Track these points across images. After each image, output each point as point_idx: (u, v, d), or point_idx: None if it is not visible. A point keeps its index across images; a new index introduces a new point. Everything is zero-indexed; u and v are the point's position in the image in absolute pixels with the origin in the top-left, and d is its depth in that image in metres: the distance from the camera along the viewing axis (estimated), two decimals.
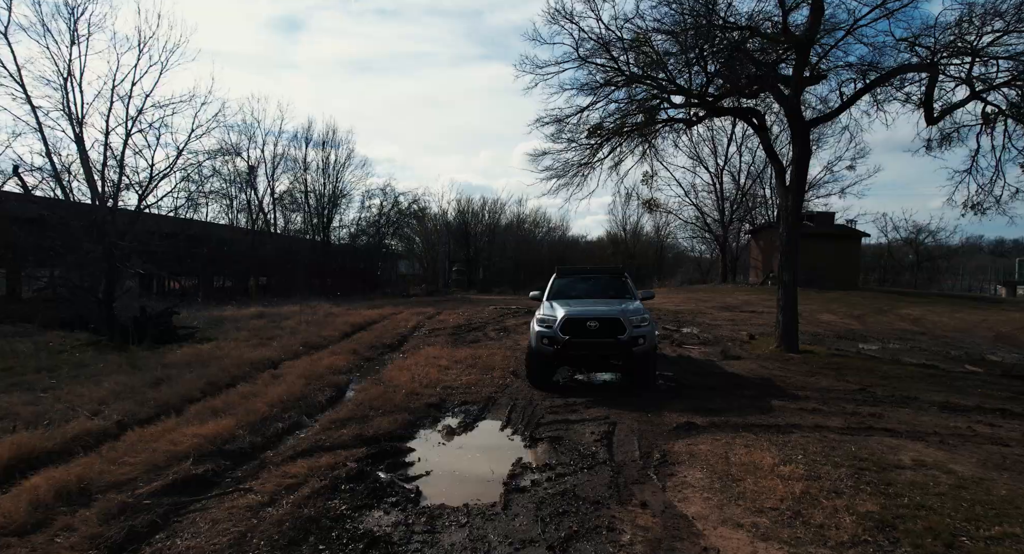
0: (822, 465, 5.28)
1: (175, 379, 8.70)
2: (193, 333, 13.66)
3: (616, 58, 12.58)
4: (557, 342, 8.28)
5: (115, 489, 4.56)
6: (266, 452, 5.81)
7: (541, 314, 8.83)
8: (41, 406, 6.92)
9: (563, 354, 8.38)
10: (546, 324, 8.49)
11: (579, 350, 8.36)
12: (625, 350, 8.25)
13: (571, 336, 8.25)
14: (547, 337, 8.37)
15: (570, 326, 8.30)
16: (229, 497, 4.63)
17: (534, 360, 8.69)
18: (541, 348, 8.47)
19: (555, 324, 8.34)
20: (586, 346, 8.33)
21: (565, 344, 8.24)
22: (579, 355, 8.54)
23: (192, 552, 3.78)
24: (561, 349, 8.29)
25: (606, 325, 8.32)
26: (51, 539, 3.81)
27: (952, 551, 3.68)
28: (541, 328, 8.52)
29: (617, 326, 8.26)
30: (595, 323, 8.36)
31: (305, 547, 3.87)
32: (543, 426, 6.78)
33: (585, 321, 8.35)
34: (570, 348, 8.27)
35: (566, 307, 8.66)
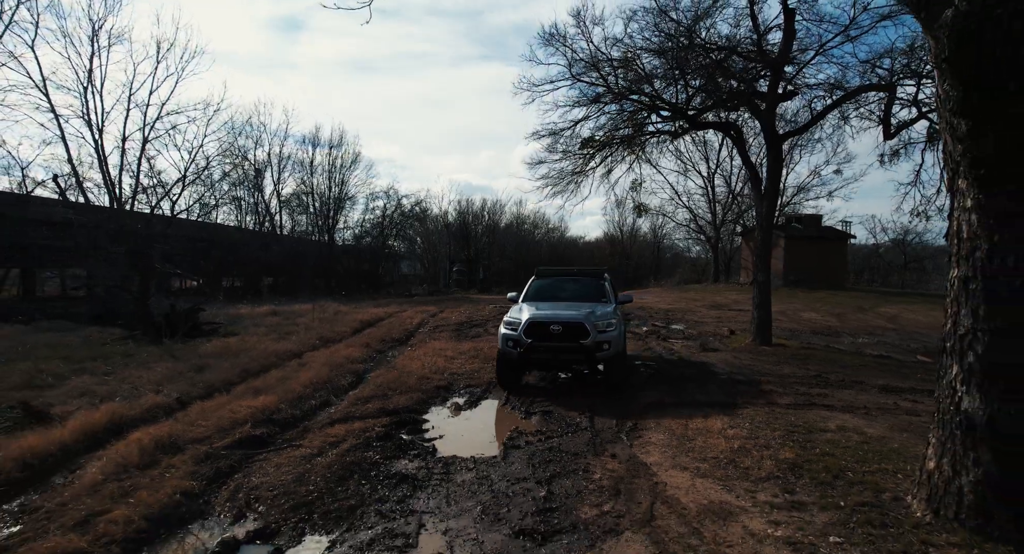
0: (762, 429, 6.49)
1: (214, 366, 9.91)
2: (217, 328, 14.86)
3: (605, 77, 13.80)
4: (521, 345, 8.17)
5: (197, 443, 5.78)
6: (306, 421, 7.04)
7: (509, 316, 8.72)
8: (109, 386, 8.13)
9: (526, 358, 8.26)
10: (511, 327, 8.40)
11: (541, 354, 8.23)
12: (588, 355, 8.12)
13: (534, 340, 8.13)
14: (512, 340, 8.27)
15: (533, 329, 8.18)
16: (285, 451, 5.84)
17: (500, 362, 8.62)
18: (506, 351, 8.37)
19: (519, 327, 8.24)
20: (548, 350, 8.20)
21: (528, 347, 8.13)
22: (542, 359, 8.39)
23: (266, 485, 4.99)
24: (524, 352, 8.18)
25: (569, 329, 8.16)
26: (162, 474, 5.02)
27: (838, 480, 4.89)
28: (507, 331, 8.42)
29: (580, 331, 8.11)
30: (558, 327, 8.19)
31: (351, 482, 5.08)
32: (536, 403, 7.98)
33: (548, 325, 8.21)
34: (532, 351, 8.15)
35: (533, 310, 8.59)
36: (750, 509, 4.47)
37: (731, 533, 4.08)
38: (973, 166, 3.73)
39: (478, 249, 51.33)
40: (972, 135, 3.62)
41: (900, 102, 12.32)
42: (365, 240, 42.10)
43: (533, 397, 8.30)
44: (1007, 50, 3.34)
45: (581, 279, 10.63)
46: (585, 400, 8.04)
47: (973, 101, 3.58)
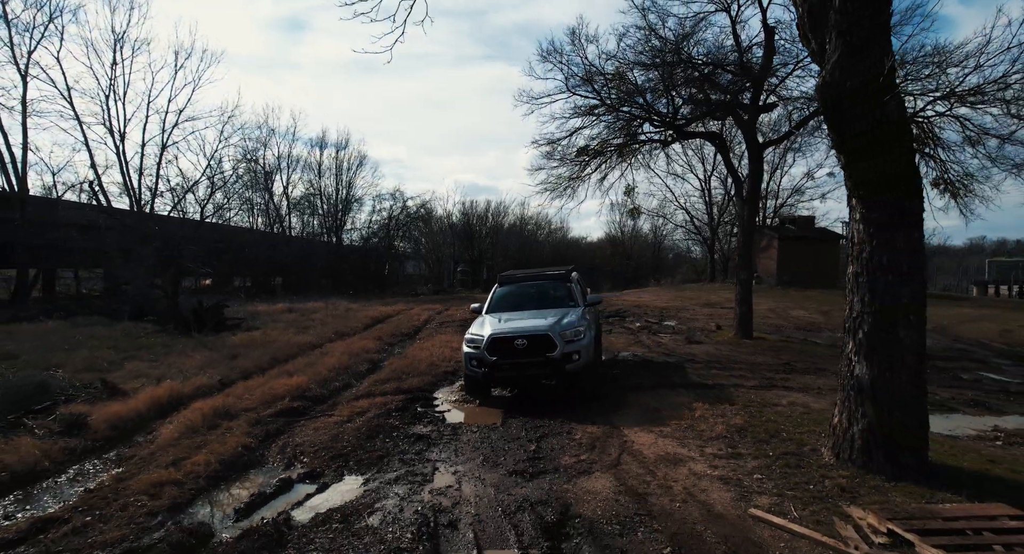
0: (722, 403, 7.62)
1: (245, 355, 11.10)
2: (240, 323, 16.07)
3: (598, 91, 14.93)
4: (484, 364, 7.57)
5: (246, 412, 6.96)
6: (334, 397, 8.22)
7: (470, 333, 8.10)
8: (159, 370, 9.33)
9: (492, 376, 7.67)
10: (474, 345, 7.79)
11: (508, 371, 7.62)
12: (557, 369, 7.50)
13: (498, 357, 7.52)
14: (475, 359, 7.68)
15: (496, 346, 7.57)
16: (320, 418, 7.02)
17: (468, 385, 8.15)
18: (471, 370, 7.79)
19: (482, 344, 7.63)
20: (514, 367, 7.57)
21: (492, 365, 7.53)
22: (508, 376, 7.79)
23: (308, 443, 6.15)
24: (489, 371, 7.58)
25: (535, 342, 7.54)
26: (223, 433, 6.19)
27: (773, 438, 6.02)
28: (469, 349, 7.82)
29: (547, 343, 7.50)
30: (523, 341, 7.56)
31: (376, 440, 6.24)
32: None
33: (513, 339, 7.59)
34: (499, 369, 7.55)
35: (495, 323, 8.06)
36: (697, 458, 5.61)
37: (678, 473, 5.23)
38: (855, 188, 4.86)
39: (482, 249, 52.48)
40: (846, 166, 4.76)
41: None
42: (372, 241, 43.36)
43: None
44: (852, 108, 4.48)
45: (546, 283, 9.87)
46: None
47: (839, 141, 4.72)
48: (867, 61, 4.24)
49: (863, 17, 4.29)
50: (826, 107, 4.61)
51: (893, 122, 4.64)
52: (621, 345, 13.46)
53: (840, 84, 4.36)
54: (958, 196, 12.67)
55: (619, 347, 13.14)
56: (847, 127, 4.56)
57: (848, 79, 4.32)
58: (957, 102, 12.02)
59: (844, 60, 4.30)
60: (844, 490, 4.65)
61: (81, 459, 5.67)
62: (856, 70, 4.26)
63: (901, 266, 4.87)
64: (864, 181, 4.72)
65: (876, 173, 4.59)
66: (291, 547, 3.90)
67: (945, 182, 12.63)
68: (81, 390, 7.61)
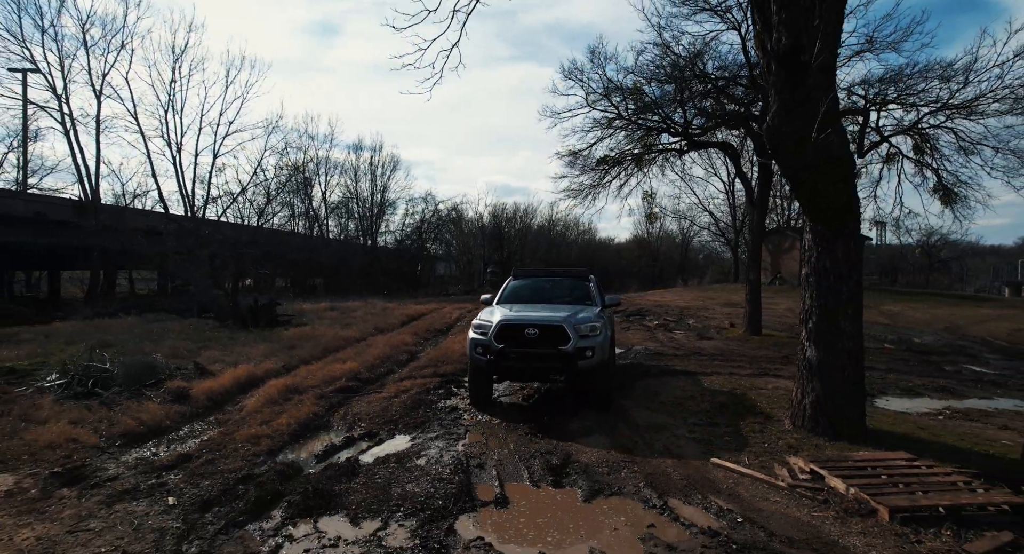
0: (713, 388, 8.80)
1: (300, 346, 12.67)
2: (290, 320, 17.76)
3: (616, 105, 16.14)
4: (491, 351, 7.24)
5: (312, 389, 8.45)
6: (381, 380, 9.68)
7: (479, 319, 7.80)
8: (231, 357, 10.93)
9: (497, 365, 7.34)
10: (481, 330, 7.51)
11: (515, 361, 7.23)
12: (569, 363, 7.09)
13: (505, 345, 7.19)
14: (481, 345, 7.36)
15: (505, 333, 7.25)
16: (370, 395, 8.46)
17: (473, 374, 7.78)
18: (474, 358, 7.50)
19: (490, 331, 7.34)
20: (522, 357, 7.19)
21: (498, 353, 7.20)
22: (515, 367, 7.39)
23: (364, 412, 7.58)
24: (494, 359, 7.26)
25: (547, 333, 7.17)
26: (296, 404, 7.67)
27: (748, 413, 7.21)
28: (476, 335, 7.55)
29: (560, 335, 7.12)
30: (534, 330, 7.22)
31: (419, 410, 7.64)
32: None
33: (523, 328, 7.25)
34: (504, 358, 7.20)
35: (506, 311, 7.78)
36: (680, 426, 6.86)
37: (661, 435, 6.49)
38: (802, 208, 6.04)
39: (511, 251, 53.88)
40: (792, 190, 5.92)
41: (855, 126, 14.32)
42: (405, 243, 45.21)
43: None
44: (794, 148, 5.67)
45: (563, 280, 9.71)
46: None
47: (785, 173, 5.91)
48: (801, 114, 5.43)
49: (789, 84, 5.50)
50: (771, 147, 5.81)
51: (835, 158, 5.81)
52: (636, 341, 14.65)
53: (779, 130, 5.56)
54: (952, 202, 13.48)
55: (634, 342, 14.34)
56: (788, 164, 5.77)
57: (784, 126, 5.51)
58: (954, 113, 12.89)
59: (780, 112, 5.50)
60: (791, 447, 5.85)
61: (190, 420, 7.21)
62: (791, 121, 5.46)
63: (841, 269, 6.05)
64: (808, 205, 5.91)
65: (818, 200, 5.78)
66: (361, 476, 5.30)
67: (943, 188, 13.45)
68: (177, 371, 9.22)
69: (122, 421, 6.73)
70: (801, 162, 5.65)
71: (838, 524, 4.24)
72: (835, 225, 6.00)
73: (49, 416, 6.75)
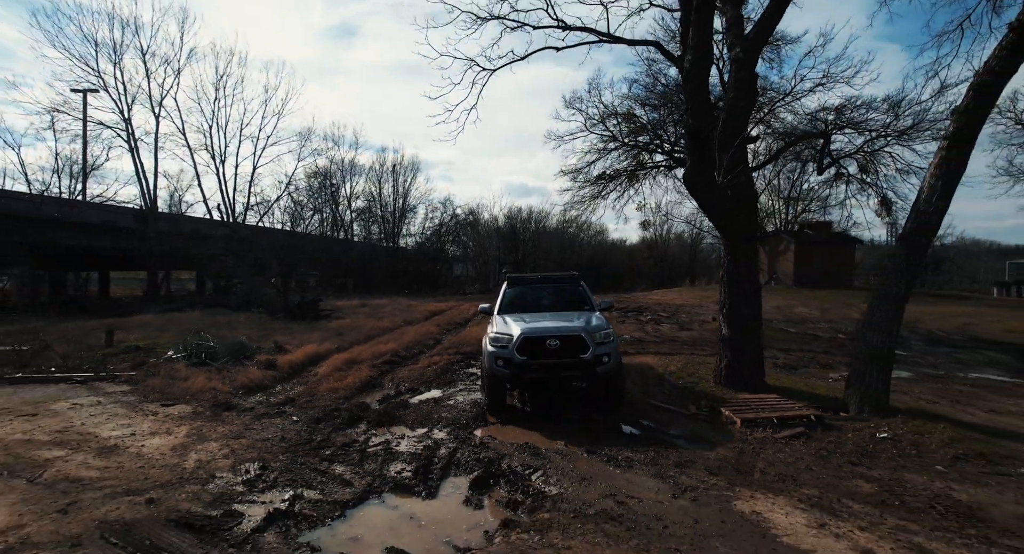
0: (674, 361, 11.34)
1: (346, 333, 15.45)
2: (330, 314, 20.60)
3: (611, 129, 18.71)
4: (512, 365, 7.45)
5: (364, 361, 11.18)
6: (415, 356, 12.39)
7: (494, 332, 7.93)
8: (296, 340, 13.70)
9: (519, 377, 7.55)
10: (500, 344, 7.66)
11: (538, 373, 7.51)
12: (588, 370, 7.44)
13: (529, 357, 7.43)
14: (502, 359, 7.55)
15: (527, 346, 7.47)
16: (409, 366, 11.17)
17: (489, 384, 7.78)
18: (495, 371, 7.61)
19: (511, 344, 7.53)
20: (546, 368, 7.47)
21: (522, 366, 7.43)
22: (538, 378, 7.66)
23: (405, 376, 10.28)
24: (517, 372, 7.47)
25: (567, 343, 7.47)
26: (356, 370, 10.39)
27: (689, 376, 9.76)
28: (495, 348, 7.68)
29: (579, 344, 7.44)
30: (555, 342, 7.46)
31: (446, 375, 10.34)
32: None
33: (544, 340, 7.48)
34: (528, 370, 7.46)
35: (521, 323, 7.88)
36: (636, 384, 9.44)
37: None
38: (717, 228, 8.60)
39: (525, 252, 56.50)
40: (708, 218, 8.48)
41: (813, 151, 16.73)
42: (425, 246, 48.11)
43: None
44: (705, 189, 8.24)
45: (557, 285, 9.98)
46: None
47: (701, 206, 8.49)
48: (704, 170, 7.99)
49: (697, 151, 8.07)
50: (688, 190, 8.38)
51: (742, 194, 8.36)
52: (625, 331, 17.20)
53: (691, 179, 8.14)
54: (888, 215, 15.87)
55: (623, 333, 16.88)
56: (700, 202, 8.35)
57: (694, 177, 8.08)
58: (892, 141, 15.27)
59: (691, 168, 8.07)
60: (708, 396, 8.41)
61: (281, 381, 9.97)
62: (698, 174, 8.03)
63: (743, 273, 8.61)
64: (720, 229, 8.47)
65: (726, 225, 8.34)
66: (411, 409, 7.99)
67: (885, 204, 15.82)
68: (259, 349, 12.01)
69: (237, 379, 9.52)
70: (708, 201, 8.23)
71: (710, 429, 6.85)
72: (739, 242, 8.55)
73: (188, 375, 9.57)
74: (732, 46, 9.29)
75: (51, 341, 11.86)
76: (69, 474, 5.28)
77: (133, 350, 12.02)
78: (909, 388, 9.14)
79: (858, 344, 7.64)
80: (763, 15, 9.19)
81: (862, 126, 16.36)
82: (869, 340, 7.37)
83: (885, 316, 7.29)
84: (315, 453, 6.09)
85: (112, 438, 6.45)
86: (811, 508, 4.60)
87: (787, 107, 18.22)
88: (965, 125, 6.73)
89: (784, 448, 6.11)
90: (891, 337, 7.29)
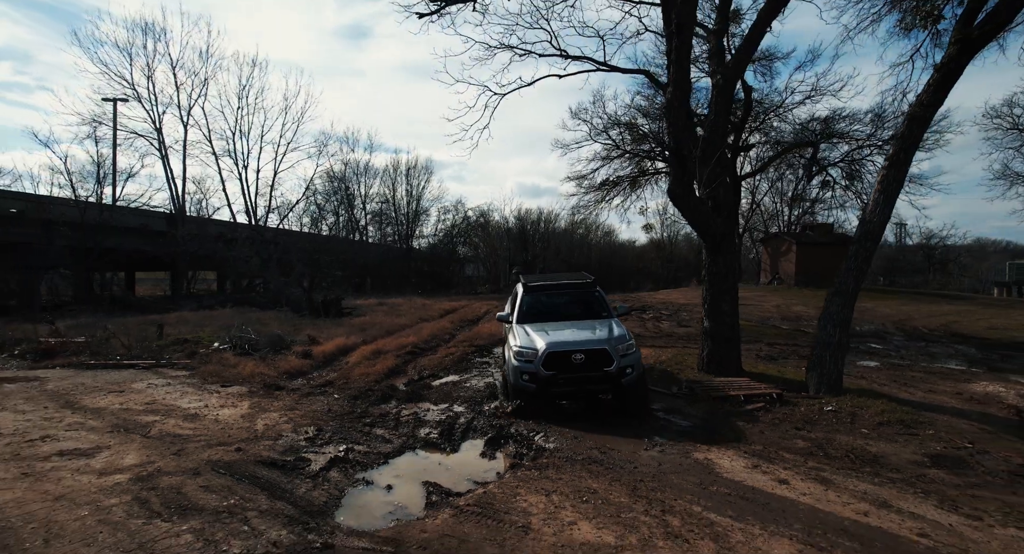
0: (665, 351, 12.60)
1: (369, 329, 16.85)
2: (352, 311, 22.02)
3: (613, 138, 20.02)
4: (539, 379, 7.55)
5: (389, 352, 12.56)
6: (434, 348, 13.76)
7: (518, 345, 7.94)
8: (324, 334, 15.13)
9: (546, 391, 7.63)
10: (525, 358, 7.71)
11: (564, 387, 7.63)
12: (614, 383, 7.55)
13: (555, 371, 7.53)
14: (527, 373, 7.63)
15: (553, 360, 7.56)
16: (428, 356, 12.54)
17: (518, 397, 7.78)
18: (522, 385, 7.68)
19: (536, 359, 7.59)
20: (572, 382, 7.58)
21: (548, 381, 7.53)
22: (564, 392, 7.80)
23: (425, 364, 11.64)
24: (544, 386, 7.57)
25: (592, 357, 7.56)
26: (383, 359, 11.77)
27: (677, 365, 11.03)
28: (519, 363, 7.75)
29: (604, 357, 7.54)
30: (581, 356, 7.56)
31: (462, 363, 11.69)
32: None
33: (570, 354, 7.58)
34: (554, 385, 7.57)
35: (544, 336, 7.93)
36: None
37: None
38: (697, 234, 9.86)
39: (535, 253, 57.79)
40: (689, 224, 9.75)
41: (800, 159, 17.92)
42: (438, 247, 49.59)
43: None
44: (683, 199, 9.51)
45: (574, 292, 9.81)
46: None
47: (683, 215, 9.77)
48: (684, 183, 9.26)
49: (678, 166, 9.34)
50: (671, 199, 9.65)
51: (720, 204, 9.62)
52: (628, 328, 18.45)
53: (674, 191, 9.41)
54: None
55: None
56: (681, 210, 9.62)
57: (677, 189, 9.36)
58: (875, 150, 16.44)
59: (674, 181, 9.35)
60: (690, 379, 9.67)
61: (318, 368, 11.36)
62: (679, 186, 9.31)
63: (722, 272, 9.86)
64: (700, 234, 9.73)
65: (704, 231, 9.61)
66: (434, 389, 9.34)
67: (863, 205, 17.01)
68: (294, 342, 13.44)
69: (280, 366, 10.93)
70: (689, 210, 9.51)
71: (687, 405, 8.14)
72: (718, 245, 9.81)
73: (237, 362, 11.00)
74: (714, 73, 10.57)
75: (114, 334, 13.36)
76: (169, 431, 6.68)
77: (182, 342, 13.48)
78: (869, 374, 10.36)
79: (817, 334, 8.87)
80: (740, 46, 10.48)
81: (848, 136, 17.58)
82: (826, 330, 8.61)
83: (839, 309, 8.54)
84: (358, 421, 7.46)
85: (191, 408, 7.85)
86: (752, 457, 5.88)
87: (779, 116, 19.44)
88: (901, 149, 7.97)
89: (744, 418, 7.38)
90: (844, 327, 8.53)
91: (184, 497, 4.75)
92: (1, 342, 12.86)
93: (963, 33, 7.42)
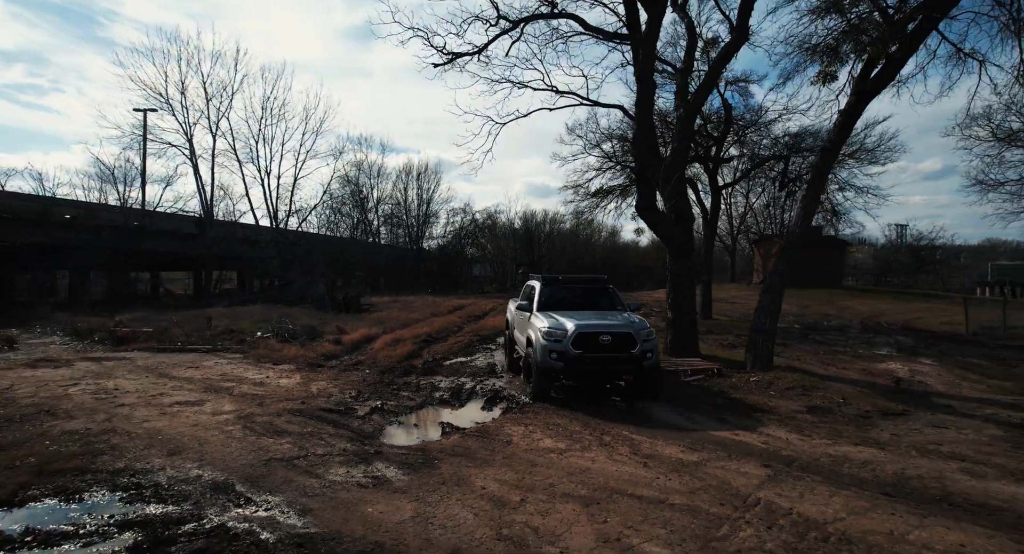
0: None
1: (387, 322, 19.07)
2: (369, 308, 24.26)
3: (606, 151, 22.12)
4: (567, 358, 8.07)
5: (407, 340, 14.76)
6: (445, 337, 15.95)
7: (546, 327, 8.41)
8: (349, 326, 17.34)
9: (573, 370, 8.16)
10: (554, 338, 8.21)
11: (591, 365, 8.15)
12: (637, 365, 8.17)
13: (584, 351, 8.07)
14: (556, 351, 8.11)
15: (582, 340, 8.10)
16: (440, 343, 14.73)
17: (542, 376, 8.37)
18: (549, 363, 8.19)
19: (565, 338, 8.09)
20: (599, 361, 8.13)
21: (577, 359, 8.03)
22: (590, 371, 8.29)
23: (438, 349, 13.82)
24: (572, 365, 8.08)
25: (617, 339, 8.17)
26: (402, 345, 13.96)
27: None
28: (548, 342, 8.23)
29: (629, 340, 8.17)
30: (607, 337, 8.16)
31: (470, 348, 13.89)
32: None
33: (598, 335, 8.16)
34: (582, 363, 8.06)
35: (572, 319, 8.42)
36: None
37: None
38: (661, 241, 11.99)
39: (540, 254, 59.90)
40: (654, 233, 11.89)
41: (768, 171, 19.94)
42: (447, 249, 51.89)
43: None
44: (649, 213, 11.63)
45: (589, 287, 10.52)
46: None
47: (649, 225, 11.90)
48: (649, 198, 11.36)
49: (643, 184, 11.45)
50: (637, 212, 11.75)
51: (680, 216, 11.73)
52: None
53: (641, 206, 11.51)
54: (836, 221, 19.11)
55: None
56: (646, 222, 11.73)
57: (643, 203, 11.46)
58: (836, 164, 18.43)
59: (640, 197, 11.44)
60: None
61: (348, 352, 13.56)
62: (647, 200, 11.40)
63: (683, 274, 11.97)
64: (663, 241, 11.84)
65: (667, 239, 11.72)
66: (445, 367, 11.53)
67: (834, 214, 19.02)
68: (325, 332, 15.66)
69: (317, 350, 13.15)
70: (654, 222, 11.62)
71: None
72: (679, 250, 11.92)
73: (281, 347, 13.24)
74: (677, 107, 12.69)
75: (176, 323, 15.65)
76: (247, 392, 8.90)
77: (229, 332, 15.75)
78: (803, 357, 12.45)
79: (753, 322, 10.96)
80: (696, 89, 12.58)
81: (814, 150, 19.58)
82: (760, 319, 10.72)
83: (769, 303, 10.64)
84: (387, 387, 9.65)
85: (256, 378, 10.08)
86: (679, 408, 8.02)
87: (758, 132, 21.47)
88: (816, 176, 10.06)
89: (685, 387, 9.50)
90: (774, 317, 10.63)
91: (276, 427, 6.96)
92: (79, 331, 15.19)
93: (860, 86, 9.50)
